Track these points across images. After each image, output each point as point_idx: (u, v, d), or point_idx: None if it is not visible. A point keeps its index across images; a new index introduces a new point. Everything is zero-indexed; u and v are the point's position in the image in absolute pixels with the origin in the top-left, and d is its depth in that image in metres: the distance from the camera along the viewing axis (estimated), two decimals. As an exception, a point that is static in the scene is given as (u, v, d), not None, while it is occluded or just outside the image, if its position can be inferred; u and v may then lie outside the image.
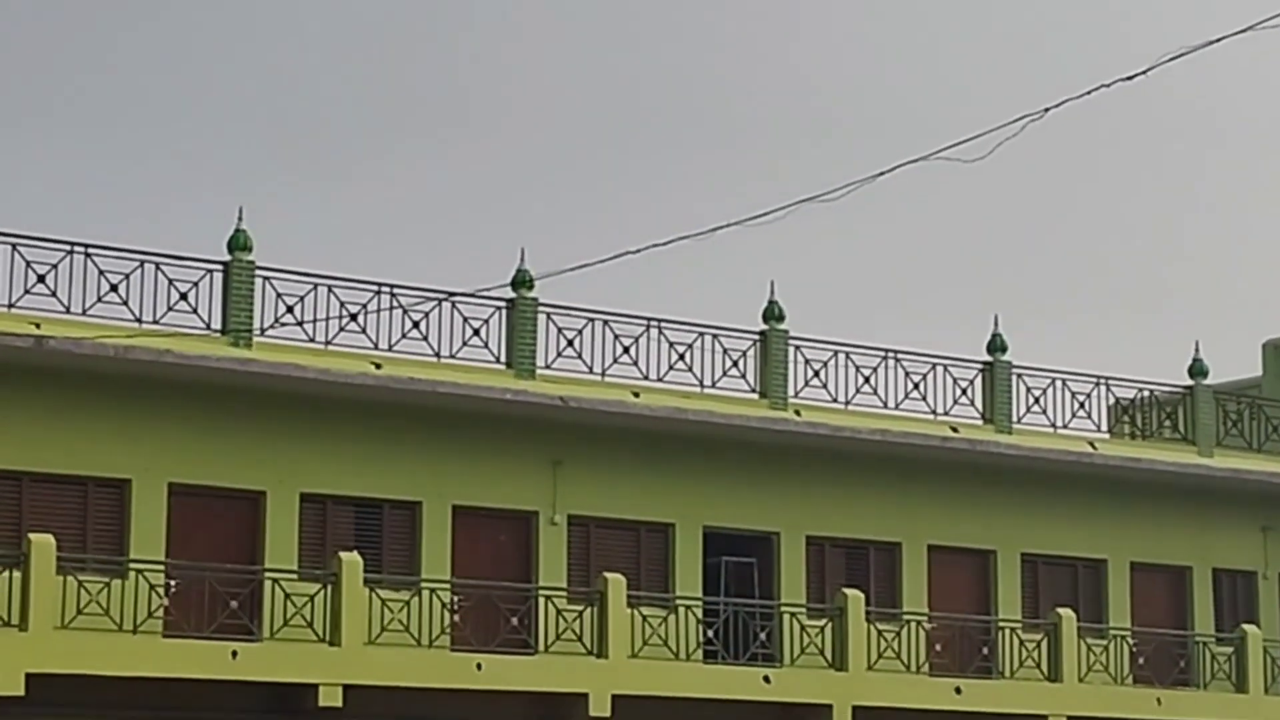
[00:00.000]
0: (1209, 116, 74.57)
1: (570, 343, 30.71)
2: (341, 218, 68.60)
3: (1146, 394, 36.60)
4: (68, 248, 27.66)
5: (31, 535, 25.77)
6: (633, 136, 76.48)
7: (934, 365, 33.75)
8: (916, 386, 33.66)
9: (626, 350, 31.13)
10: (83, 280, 27.95)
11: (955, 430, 33.30)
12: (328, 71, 73.25)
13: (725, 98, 76.11)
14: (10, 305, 27.17)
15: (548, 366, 30.48)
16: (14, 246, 27.44)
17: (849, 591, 31.28)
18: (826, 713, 30.42)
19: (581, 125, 76.52)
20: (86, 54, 71.37)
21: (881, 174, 19.90)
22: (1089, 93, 17.54)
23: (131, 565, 26.70)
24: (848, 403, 33.04)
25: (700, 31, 75.05)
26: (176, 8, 74.26)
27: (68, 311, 27.50)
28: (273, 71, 72.05)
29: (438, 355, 29.63)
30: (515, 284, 30.08)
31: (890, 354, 33.43)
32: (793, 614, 31.27)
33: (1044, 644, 32.68)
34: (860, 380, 33.12)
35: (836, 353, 32.98)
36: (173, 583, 27.09)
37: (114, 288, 28.09)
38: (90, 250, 27.84)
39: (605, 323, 31.08)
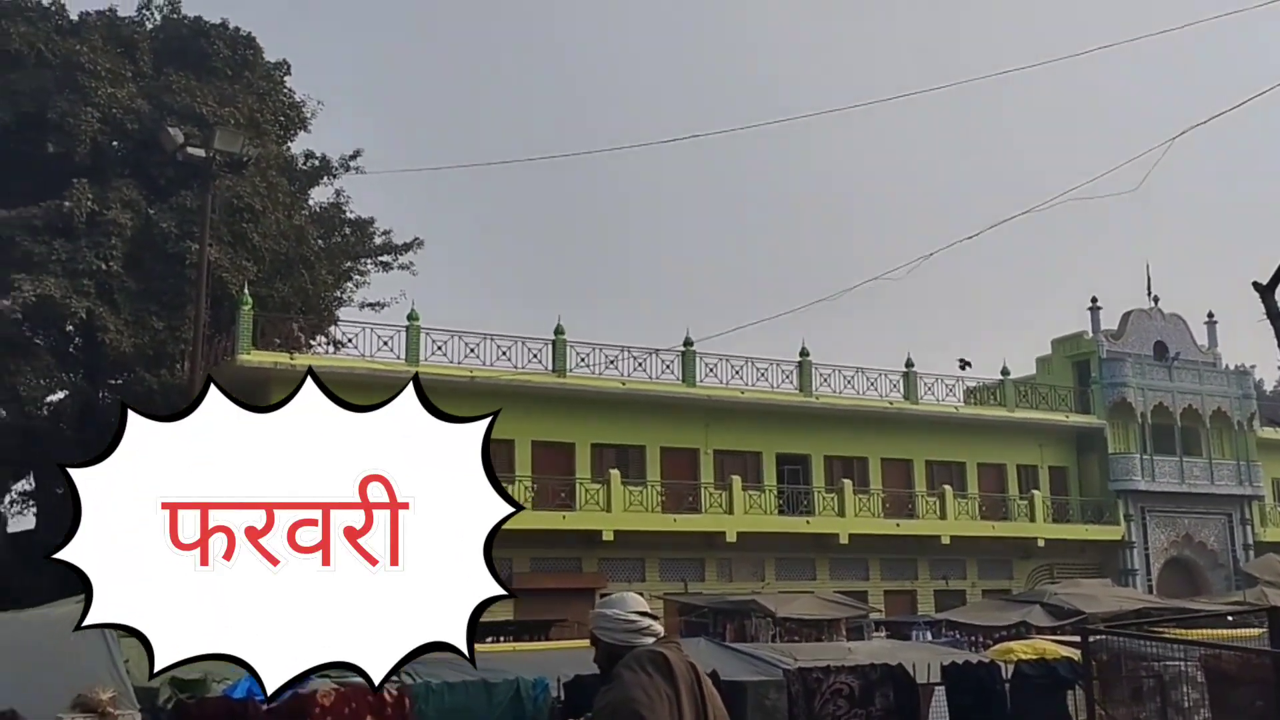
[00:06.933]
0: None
1: (711, 370, 29.98)
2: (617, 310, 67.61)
3: (980, 384, 35.53)
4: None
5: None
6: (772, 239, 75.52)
7: (882, 374, 32.52)
8: (896, 383, 32.44)
9: (738, 372, 30.29)
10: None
11: (891, 404, 32.44)
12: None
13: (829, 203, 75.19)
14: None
15: (700, 382, 29.84)
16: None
17: (845, 480, 31.19)
18: (835, 539, 30.32)
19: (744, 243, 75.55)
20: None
21: (931, 254, 18.41)
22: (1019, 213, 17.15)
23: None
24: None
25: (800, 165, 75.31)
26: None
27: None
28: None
29: (650, 377, 28.97)
30: (685, 343, 29.76)
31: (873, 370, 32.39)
32: (819, 490, 31.14)
33: (939, 501, 32.42)
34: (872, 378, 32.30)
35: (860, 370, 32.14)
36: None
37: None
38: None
39: (727, 359, 30.24)
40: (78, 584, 3.42)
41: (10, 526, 28.82)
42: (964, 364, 34.47)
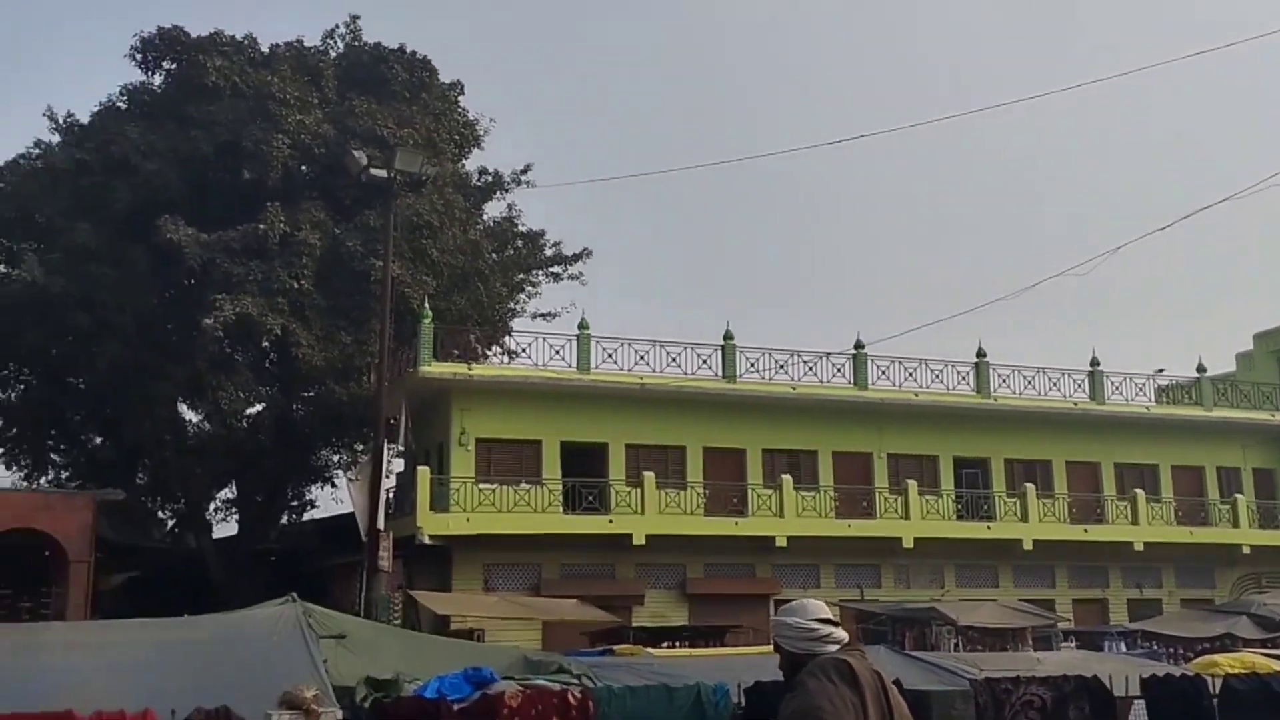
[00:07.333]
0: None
1: (884, 372, 29.30)
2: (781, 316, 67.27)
3: (1174, 382, 33.77)
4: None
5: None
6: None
7: (1065, 373, 31.27)
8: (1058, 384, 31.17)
9: (911, 375, 29.37)
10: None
11: (1076, 405, 31.00)
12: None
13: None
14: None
15: (872, 385, 29.24)
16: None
17: (1028, 485, 29.91)
18: (1018, 545, 29.14)
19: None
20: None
21: (1119, 248, 18.45)
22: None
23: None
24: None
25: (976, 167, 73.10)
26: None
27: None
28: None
29: (821, 381, 28.75)
30: (856, 346, 29.34)
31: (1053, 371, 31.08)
32: (999, 495, 30.07)
33: (1130, 506, 30.74)
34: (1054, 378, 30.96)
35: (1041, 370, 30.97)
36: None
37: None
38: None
39: (900, 362, 29.46)
40: (279, 586, 3.67)
41: (215, 532, 30.63)
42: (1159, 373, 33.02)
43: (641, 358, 27.23)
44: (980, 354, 30.62)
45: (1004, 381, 30.76)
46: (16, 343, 26.38)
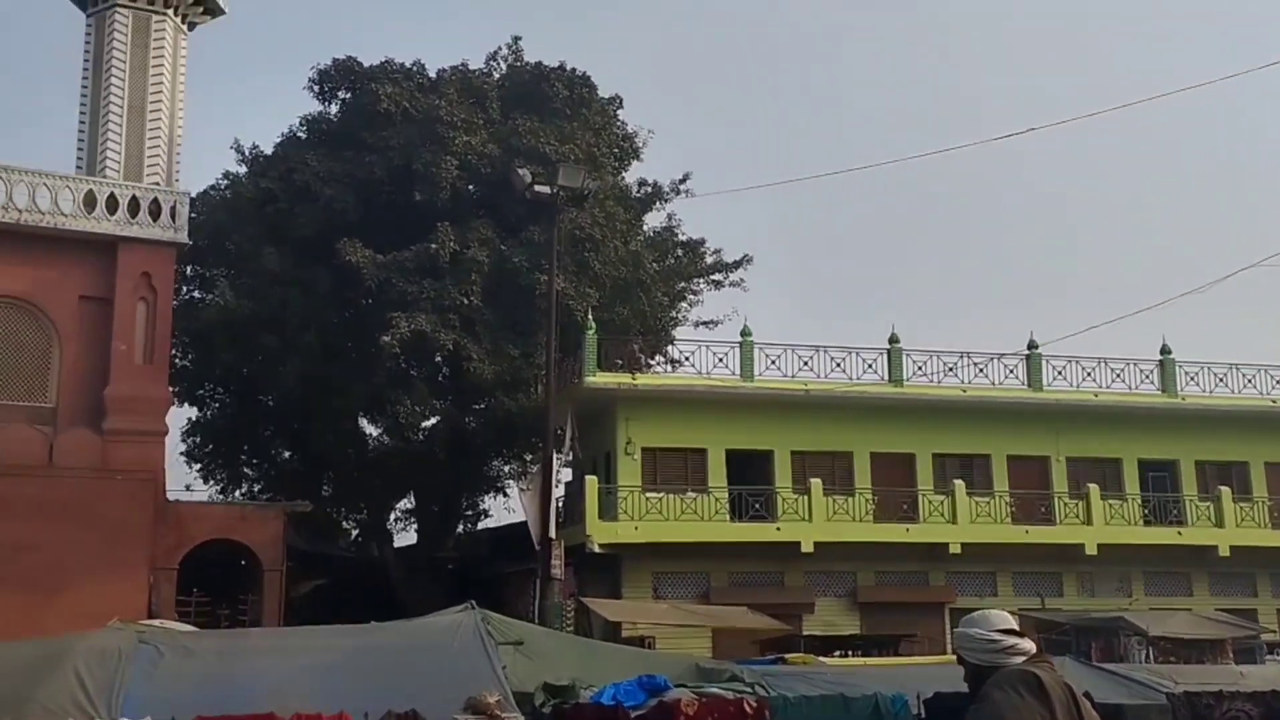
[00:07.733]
0: None
1: (1060, 373, 28.45)
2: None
3: None
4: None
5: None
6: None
7: (1261, 369, 29.60)
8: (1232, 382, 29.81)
9: (1089, 375, 28.47)
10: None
11: (1275, 402, 29.35)
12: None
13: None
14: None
15: (1048, 386, 28.26)
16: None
17: (1222, 488, 28.54)
18: (1213, 551, 27.80)
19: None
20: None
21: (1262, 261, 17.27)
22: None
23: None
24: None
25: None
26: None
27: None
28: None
29: (993, 383, 27.97)
30: (1030, 346, 28.41)
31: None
32: (1190, 499, 28.71)
33: None
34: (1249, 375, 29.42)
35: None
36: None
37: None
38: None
39: (1077, 361, 28.56)
40: (457, 594, 3.83)
41: (396, 541, 31.84)
42: None
43: (805, 363, 26.98)
44: (1165, 351, 29.30)
45: (1192, 379, 29.38)
46: (212, 363, 28.09)
